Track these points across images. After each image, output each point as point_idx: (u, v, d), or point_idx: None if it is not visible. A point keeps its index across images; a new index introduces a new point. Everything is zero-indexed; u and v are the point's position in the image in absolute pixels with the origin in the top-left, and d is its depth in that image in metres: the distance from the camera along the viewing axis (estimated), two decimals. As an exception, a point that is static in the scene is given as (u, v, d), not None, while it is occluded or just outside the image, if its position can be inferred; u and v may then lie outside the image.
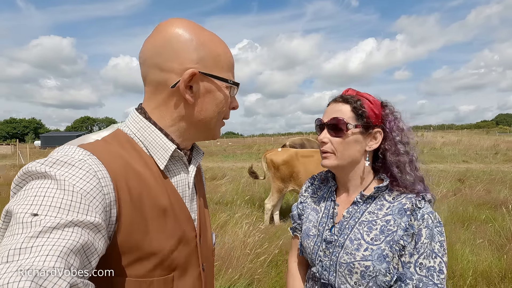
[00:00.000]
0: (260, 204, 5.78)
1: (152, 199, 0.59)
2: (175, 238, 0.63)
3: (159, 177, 0.63)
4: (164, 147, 0.64)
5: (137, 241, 0.56)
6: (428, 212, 0.79)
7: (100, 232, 0.48)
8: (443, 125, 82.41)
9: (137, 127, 0.65)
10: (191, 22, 0.65)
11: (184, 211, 0.67)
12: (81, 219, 0.45)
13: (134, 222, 0.56)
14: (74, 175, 0.48)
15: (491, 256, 3.16)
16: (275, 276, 2.88)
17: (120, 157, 0.58)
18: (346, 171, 0.89)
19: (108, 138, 0.62)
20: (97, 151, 0.55)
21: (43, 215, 0.42)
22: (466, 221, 4.32)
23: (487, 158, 14.29)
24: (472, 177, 8.11)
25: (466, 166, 11.48)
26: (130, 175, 0.57)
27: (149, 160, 0.63)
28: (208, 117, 0.67)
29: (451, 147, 18.42)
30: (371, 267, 0.77)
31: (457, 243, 3.41)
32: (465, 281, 2.77)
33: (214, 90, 0.66)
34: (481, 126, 76.94)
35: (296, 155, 4.68)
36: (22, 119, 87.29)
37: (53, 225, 0.41)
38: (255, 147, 24.64)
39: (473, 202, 5.26)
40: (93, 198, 0.48)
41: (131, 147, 0.62)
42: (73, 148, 0.54)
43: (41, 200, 0.44)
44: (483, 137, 27.34)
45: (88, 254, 0.45)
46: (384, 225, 0.80)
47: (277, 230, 4.16)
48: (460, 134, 30.35)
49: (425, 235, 0.76)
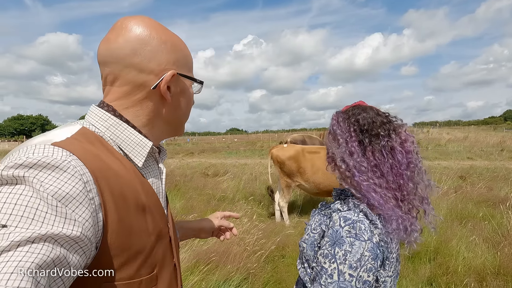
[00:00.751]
0: (260, 200, 5.85)
1: (132, 197, 0.58)
2: (154, 234, 0.63)
3: (135, 175, 0.61)
4: (140, 144, 0.64)
5: (125, 242, 0.55)
6: (340, 217, 0.80)
7: (78, 244, 0.44)
8: (450, 121, 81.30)
9: (105, 125, 0.62)
10: (156, 22, 0.66)
11: (160, 208, 0.68)
12: (55, 232, 0.41)
13: (119, 223, 0.54)
14: (58, 179, 0.44)
15: (486, 253, 3.18)
16: (270, 270, 2.95)
17: (96, 157, 0.55)
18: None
19: (77, 136, 0.56)
20: (75, 151, 0.51)
21: (12, 226, 0.38)
22: (464, 218, 4.33)
23: (492, 155, 14.13)
24: (475, 174, 8.06)
25: (470, 163, 11.38)
26: (109, 174, 0.55)
27: (121, 158, 0.61)
28: (182, 115, 0.73)
29: (457, 144, 18.23)
30: (305, 250, 0.86)
31: (453, 239, 3.43)
32: (459, 277, 2.80)
33: (186, 89, 0.70)
34: (488, 122, 75.69)
35: (303, 151, 4.73)
36: (30, 115, 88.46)
37: (23, 239, 0.37)
38: (258, 144, 24.67)
39: (473, 200, 5.25)
40: (79, 204, 0.46)
41: (102, 145, 0.59)
42: (50, 148, 0.48)
43: (11, 209, 0.39)
44: (490, 133, 26.94)
45: (60, 272, 0.41)
46: (320, 217, 0.90)
47: (276, 227, 4.23)
48: (467, 131, 29.93)
49: (329, 235, 0.78)
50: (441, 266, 3.01)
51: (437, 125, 47.82)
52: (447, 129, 33.29)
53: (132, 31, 0.61)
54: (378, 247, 0.74)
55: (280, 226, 4.34)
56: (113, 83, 0.63)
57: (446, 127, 47.55)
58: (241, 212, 4.40)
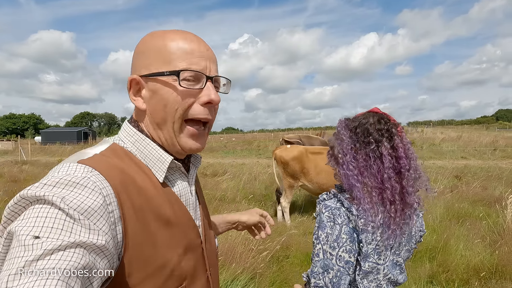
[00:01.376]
0: (261, 200, 5.91)
1: (154, 210, 0.58)
2: (182, 247, 0.63)
3: (160, 188, 0.62)
4: (160, 160, 0.63)
5: (146, 256, 0.55)
6: (324, 206, 0.94)
7: (103, 253, 0.47)
8: (443, 120, 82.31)
9: (131, 141, 0.64)
10: (153, 32, 0.65)
11: (189, 220, 0.67)
12: (83, 240, 0.44)
13: (140, 236, 0.55)
14: (80, 194, 0.47)
15: (483, 251, 3.29)
16: (276, 270, 3.01)
17: (120, 171, 0.57)
18: None
19: (106, 152, 0.60)
20: (98, 166, 0.54)
21: (44, 237, 0.41)
22: (461, 217, 4.44)
23: (486, 155, 14.40)
24: (469, 174, 8.24)
25: (464, 163, 11.60)
26: (131, 188, 0.56)
27: (149, 172, 0.62)
28: (162, 119, 0.62)
29: (451, 143, 18.53)
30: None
31: (451, 238, 3.54)
32: (457, 275, 2.90)
33: (159, 89, 0.61)
34: (481, 121, 76.86)
35: (306, 152, 4.81)
36: (22, 114, 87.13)
37: (54, 247, 0.41)
38: (255, 143, 24.74)
39: (469, 199, 5.38)
40: (100, 217, 0.48)
41: (130, 160, 0.61)
42: (73, 166, 0.52)
43: (43, 222, 0.43)
44: (482, 133, 27.40)
45: (91, 277, 0.44)
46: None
47: (279, 226, 4.30)
48: (460, 130, 30.41)
49: (317, 220, 0.94)
50: (441, 265, 3.10)
51: (431, 124, 48.41)
52: (441, 129, 33.77)
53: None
54: (355, 231, 0.87)
55: (282, 226, 4.40)
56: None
57: (439, 126, 48.19)
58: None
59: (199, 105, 0.63)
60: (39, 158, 17.42)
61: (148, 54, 0.62)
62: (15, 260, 0.39)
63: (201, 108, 0.63)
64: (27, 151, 18.68)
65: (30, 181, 7.45)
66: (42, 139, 40.62)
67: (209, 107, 0.64)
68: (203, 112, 0.63)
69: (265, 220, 1.07)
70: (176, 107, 0.61)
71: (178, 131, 0.63)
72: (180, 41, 0.61)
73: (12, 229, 0.43)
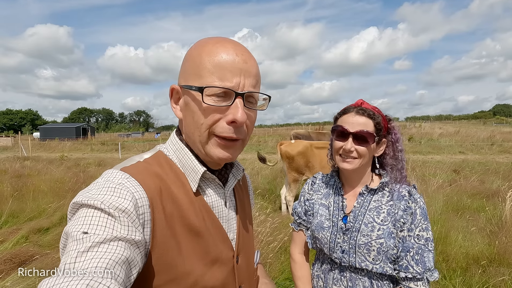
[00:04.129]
0: (264, 194, 6.03)
1: (183, 219, 0.61)
2: (209, 259, 0.63)
3: (192, 198, 0.64)
4: (194, 170, 0.65)
5: (170, 261, 0.58)
6: (419, 197, 1.03)
7: (139, 249, 0.52)
8: (441, 115, 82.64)
9: (173, 149, 0.68)
10: (201, 40, 0.65)
11: (220, 231, 0.67)
12: (124, 235, 0.50)
13: (167, 241, 0.58)
14: (115, 196, 0.53)
15: (482, 242, 3.44)
16: (284, 260, 3.14)
17: (157, 178, 0.61)
18: (359, 171, 1.08)
19: (150, 159, 0.65)
20: (136, 173, 0.58)
21: (92, 233, 0.48)
22: (460, 210, 4.59)
23: (483, 149, 14.60)
24: (467, 168, 8.40)
25: (462, 157, 11.77)
26: (165, 195, 0.60)
27: (185, 181, 0.64)
28: (190, 132, 0.64)
29: (448, 138, 18.73)
30: (384, 243, 0.98)
31: (451, 230, 3.68)
32: (457, 263, 3.04)
33: (189, 102, 0.62)
34: (478, 116, 77.31)
35: (311, 146, 4.92)
36: (19, 110, 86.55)
37: (100, 240, 0.47)
38: (255, 139, 24.82)
39: (467, 192, 5.53)
40: (135, 217, 0.53)
41: (170, 168, 0.65)
42: (114, 173, 0.58)
43: (89, 221, 0.49)
44: (480, 127, 27.65)
45: (132, 267, 0.50)
46: (389, 208, 1.02)
47: (284, 219, 4.42)
48: (458, 125, 30.65)
49: (419, 213, 1.00)
50: (441, 254, 3.24)
51: (429, 119, 48.61)
52: (439, 124, 34.02)
53: None
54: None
55: (287, 219, 4.53)
56: None
57: (437, 121, 48.45)
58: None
59: (224, 123, 0.60)
60: (39, 154, 17.43)
61: (187, 65, 0.63)
62: (70, 253, 0.46)
63: (226, 127, 0.60)
64: (27, 147, 18.67)
65: (33, 176, 7.53)
66: (41, 135, 40.48)
67: (235, 126, 0.60)
68: (228, 131, 0.60)
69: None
70: (201, 122, 0.61)
71: (205, 142, 0.62)
72: (215, 54, 0.59)
73: (66, 229, 0.50)
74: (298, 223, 1.21)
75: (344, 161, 1.05)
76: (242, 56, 0.60)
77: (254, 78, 0.62)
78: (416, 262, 0.96)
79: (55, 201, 5.26)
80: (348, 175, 1.11)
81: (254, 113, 0.66)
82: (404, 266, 0.97)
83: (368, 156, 1.05)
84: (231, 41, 0.62)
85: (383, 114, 1.08)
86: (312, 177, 1.24)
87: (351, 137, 1.02)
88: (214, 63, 0.58)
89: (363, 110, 1.04)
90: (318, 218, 1.11)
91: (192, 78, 0.61)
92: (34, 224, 4.27)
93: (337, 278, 1.06)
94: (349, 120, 1.04)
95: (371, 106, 1.08)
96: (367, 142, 1.02)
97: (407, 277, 0.97)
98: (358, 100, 1.10)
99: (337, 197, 1.12)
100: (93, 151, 21.56)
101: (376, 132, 1.03)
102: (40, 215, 4.73)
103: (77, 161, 12.66)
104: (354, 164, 1.04)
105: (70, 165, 10.85)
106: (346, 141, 1.03)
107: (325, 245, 1.07)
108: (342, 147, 1.04)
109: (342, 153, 1.05)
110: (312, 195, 1.18)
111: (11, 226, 4.29)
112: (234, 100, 0.59)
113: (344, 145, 1.03)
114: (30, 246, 3.54)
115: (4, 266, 3.01)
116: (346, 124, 1.04)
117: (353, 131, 1.02)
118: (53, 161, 12.24)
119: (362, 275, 1.02)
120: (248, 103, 0.62)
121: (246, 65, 0.60)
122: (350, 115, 1.04)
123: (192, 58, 0.61)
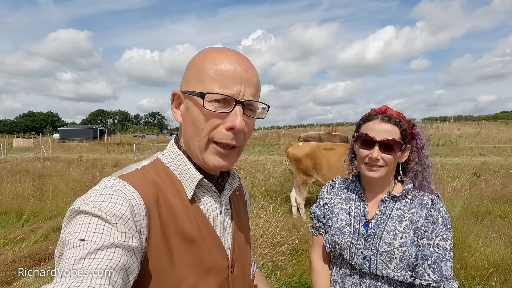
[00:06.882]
0: (276, 196, 6.01)
1: (177, 227, 0.61)
2: (203, 268, 0.63)
3: (188, 205, 0.64)
4: (191, 177, 0.65)
5: (163, 268, 0.58)
6: (442, 206, 1.00)
7: (136, 255, 0.53)
8: (460, 116, 79.82)
9: (171, 156, 0.68)
10: (206, 48, 0.66)
11: (215, 240, 0.67)
12: (121, 241, 0.50)
13: (160, 249, 0.58)
14: (112, 203, 0.53)
15: (503, 248, 3.28)
16: (296, 263, 3.11)
17: (154, 185, 0.61)
18: (383, 178, 1.04)
19: (147, 167, 0.65)
20: (133, 181, 0.59)
21: (89, 240, 0.48)
22: (480, 215, 4.41)
23: (505, 151, 13.99)
24: (488, 171, 8.07)
25: (483, 160, 11.32)
26: (161, 202, 0.60)
27: (181, 188, 0.65)
28: (189, 138, 0.65)
29: (468, 140, 18.05)
30: (407, 251, 0.95)
31: (470, 236, 3.54)
32: (477, 271, 2.92)
33: (190, 107, 0.63)
34: (500, 117, 74.07)
35: (318, 147, 4.89)
36: (40, 112, 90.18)
37: (98, 247, 0.47)
38: (267, 140, 24.81)
39: (488, 197, 5.31)
40: (132, 224, 0.53)
41: (167, 175, 0.65)
42: (112, 180, 0.58)
43: (86, 228, 0.49)
44: (502, 129, 26.50)
45: (129, 274, 0.50)
46: (411, 216, 1.00)
47: (295, 222, 4.39)
48: (478, 126, 29.50)
49: (441, 222, 0.97)
50: (459, 261, 3.12)
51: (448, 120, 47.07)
52: (458, 125, 32.86)
53: None
54: None
55: (298, 221, 4.50)
56: None
57: (456, 122, 46.84)
58: (258, 206, 4.56)
59: (223, 129, 0.61)
60: (59, 155, 18.08)
61: (190, 71, 0.64)
62: (67, 260, 0.46)
63: (225, 133, 0.62)
64: (48, 148, 19.40)
65: (53, 177, 7.81)
66: (60, 136, 42.03)
67: (233, 132, 0.62)
68: (227, 137, 0.62)
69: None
70: (202, 127, 0.62)
71: (204, 149, 0.63)
72: (218, 62, 0.61)
73: (63, 237, 0.50)
74: (317, 227, 1.20)
75: (370, 170, 1.01)
76: (243, 66, 0.62)
77: (254, 88, 0.64)
78: (432, 271, 0.94)
79: (73, 200, 5.41)
80: (371, 182, 1.08)
81: (253, 121, 0.68)
82: (420, 274, 0.95)
83: (394, 163, 1.03)
84: (234, 51, 0.64)
85: (407, 120, 1.05)
86: (331, 181, 1.23)
87: (377, 146, 0.99)
88: (217, 70, 0.60)
89: (389, 117, 1.00)
90: (338, 223, 1.09)
91: (194, 84, 0.62)
92: (53, 223, 4.43)
93: (355, 284, 1.04)
94: (374, 127, 1.00)
95: (396, 112, 1.04)
96: (393, 150, 0.99)
97: (421, 284, 0.95)
98: (382, 106, 1.06)
99: (358, 203, 1.10)
100: (109, 152, 22.17)
101: (402, 139, 1.00)
102: (59, 214, 4.90)
103: (94, 161, 13.05)
104: (380, 172, 1.01)
105: (88, 166, 11.20)
106: (372, 150, 0.99)
107: (345, 250, 1.05)
108: (368, 156, 1.01)
109: (368, 161, 1.02)
110: (331, 199, 1.16)
111: (32, 224, 4.46)
112: (234, 107, 0.61)
113: (370, 153, 1.00)
114: (49, 244, 3.67)
115: (25, 263, 3.14)
116: (371, 132, 1.00)
117: (379, 139, 0.98)
118: (72, 161, 12.66)
119: (382, 282, 1.00)
120: (247, 111, 0.64)
121: (247, 74, 0.62)
122: (375, 122, 1.01)
123: (195, 65, 0.63)
